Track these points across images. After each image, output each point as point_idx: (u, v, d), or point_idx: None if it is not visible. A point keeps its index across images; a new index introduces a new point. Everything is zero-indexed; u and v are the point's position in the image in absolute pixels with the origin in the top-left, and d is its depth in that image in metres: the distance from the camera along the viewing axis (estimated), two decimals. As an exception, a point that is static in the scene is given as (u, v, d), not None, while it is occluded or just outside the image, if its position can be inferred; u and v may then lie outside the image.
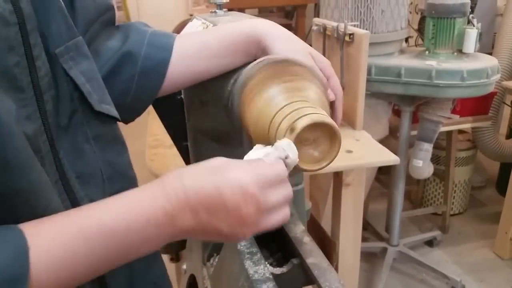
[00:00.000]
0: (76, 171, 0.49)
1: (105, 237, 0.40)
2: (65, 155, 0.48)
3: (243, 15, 0.83)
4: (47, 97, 0.46)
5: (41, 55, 0.45)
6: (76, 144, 0.50)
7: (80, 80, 0.51)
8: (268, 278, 0.65)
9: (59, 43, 0.49)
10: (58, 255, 0.38)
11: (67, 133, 0.49)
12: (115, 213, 0.42)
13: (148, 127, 1.75)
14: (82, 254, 0.39)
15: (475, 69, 1.60)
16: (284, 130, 0.49)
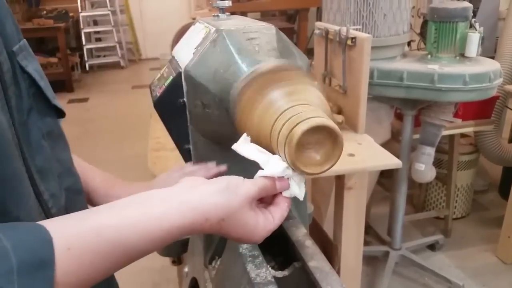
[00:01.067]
0: (36, 166, 0.50)
1: (124, 248, 0.42)
2: (26, 151, 0.49)
3: (246, 19, 0.83)
4: (11, 93, 0.47)
5: (2, 51, 0.47)
6: (34, 140, 0.52)
7: (36, 76, 0.53)
8: (270, 282, 0.65)
9: (13, 42, 0.51)
10: (78, 251, 0.39)
11: (27, 129, 0.51)
12: (134, 226, 0.43)
13: (150, 130, 1.76)
14: (101, 255, 0.40)
15: (477, 73, 1.60)
16: (287, 133, 0.50)
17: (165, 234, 0.44)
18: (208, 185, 0.49)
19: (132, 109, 4.73)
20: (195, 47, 0.75)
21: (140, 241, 0.42)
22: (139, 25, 7.02)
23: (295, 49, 0.74)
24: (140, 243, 0.42)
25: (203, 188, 0.48)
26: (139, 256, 0.43)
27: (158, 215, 0.44)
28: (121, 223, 0.42)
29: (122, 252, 0.41)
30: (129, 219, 0.43)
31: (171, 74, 0.78)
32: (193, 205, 0.46)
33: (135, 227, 0.42)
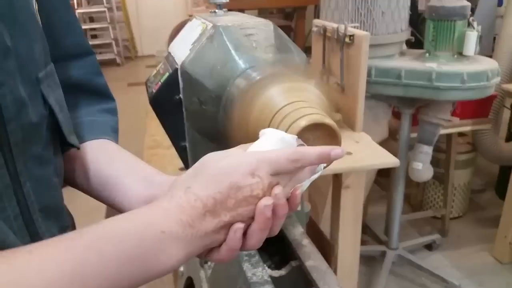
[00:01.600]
0: (41, 204, 0.46)
1: (117, 246, 0.38)
2: (32, 188, 0.45)
3: (243, 15, 0.82)
4: (13, 127, 0.42)
5: (7, 82, 0.41)
6: (46, 176, 0.48)
7: (57, 109, 0.50)
8: (267, 281, 0.64)
9: (39, 67, 0.47)
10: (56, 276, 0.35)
11: (40, 164, 0.47)
12: (126, 225, 0.40)
13: (146, 128, 1.74)
14: (93, 269, 0.37)
15: (475, 71, 1.60)
16: (284, 130, 0.49)
17: (130, 220, 0.40)
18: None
19: (128, 107, 4.70)
20: (191, 43, 0.74)
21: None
22: (135, 22, 7.00)
23: (293, 46, 0.73)
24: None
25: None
26: (149, 261, 0.39)
27: (152, 216, 0.41)
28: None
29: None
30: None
31: (167, 71, 0.77)
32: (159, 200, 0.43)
33: (127, 228, 0.40)
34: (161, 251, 0.39)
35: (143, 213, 0.41)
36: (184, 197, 0.41)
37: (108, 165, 0.58)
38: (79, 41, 0.63)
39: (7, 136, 0.41)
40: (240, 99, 0.60)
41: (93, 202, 0.64)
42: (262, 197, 0.42)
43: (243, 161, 0.42)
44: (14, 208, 0.43)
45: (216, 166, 0.42)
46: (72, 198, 0.57)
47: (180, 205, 0.41)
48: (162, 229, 0.39)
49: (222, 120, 0.68)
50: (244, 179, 0.41)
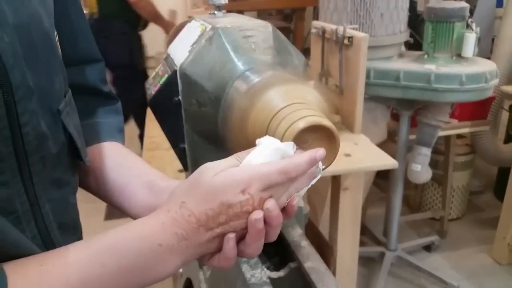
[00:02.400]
0: (59, 223, 0.49)
1: (118, 259, 0.41)
2: (51, 209, 0.47)
3: (242, 17, 0.82)
4: (35, 159, 0.44)
5: (31, 121, 0.43)
6: (64, 197, 0.51)
7: (75, 135, 0.52)
8: (265, 282, 0.64)
9: (60, 98, 0.49)
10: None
11: (58, 187, 0.49)
12: (127, 238, 0.43)
13: (145, 129, 1.74)
14: (93, 280, 0.40)
15: (473, 73, 1.60)
16: (282, 132, 0.49)
17: (130, 234, 0.43)
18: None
19: (128, 108, 4.71)
20: (190, 45, 0.74)
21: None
22: (135, 24, 6.98)
23: (291, 47, 0.73)
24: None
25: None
26: (147, 272, 0.43)
27: (149, 229, 0.44)
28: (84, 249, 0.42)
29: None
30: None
31: (166, 72, 0.77)
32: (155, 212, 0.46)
33: (125, 239, 0.43)
34: (158, 262, 0.43)
35: (141, 226, 0.44)
36: (179, 211, 0.44)
37: (114, 170, 0.61)
38: (92, 47, 0.66)
39: (28, 167, 0.43)
40: (238, 101, 0.60)
41: (93, 203, 0.65)
42: (252, 211, 0.44)
43: (235, 179, 0.43)
44: (32, 229, 0.45)
45: (210, 182, 0.44)
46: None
47: (175, 219, 0.43)
48: (159, 242, 0.42)
49: (221, 122, 0.68)
50: (235, 197, 0.43)
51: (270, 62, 0.67)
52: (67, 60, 0.55)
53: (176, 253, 0.43)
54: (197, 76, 0.69)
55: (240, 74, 0.65)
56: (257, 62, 0.66)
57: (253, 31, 0.70)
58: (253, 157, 0.46)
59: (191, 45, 0.74)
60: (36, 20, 0.44)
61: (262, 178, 0.43)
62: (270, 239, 0.47)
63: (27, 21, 0.43)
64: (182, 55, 0.74)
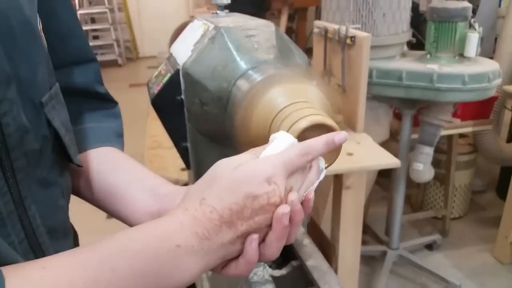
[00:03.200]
0: (48, 226, 0.46)
1: (130, 262, 0.37)
2: (38, 211, 0.44)
3: (245, 16, 0.83)
4: (17, 155, 0.41)
5: (10, 110, 0.40)
6: (52, 198, 0.47)
7: (62, 131, 0.49)
8: (268, 280, 0.65)
9: (43, 91, 0.46)
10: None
11: (45, 187, 0.46)
12: (140, 239, 0.39)
13: (147, 128, 1.75)
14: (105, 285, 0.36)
15: (476, 73, 1.60)
16: (285, 130, 0.49)
17: (145, 234, 0.39)
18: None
19: (129, 108, 4.71)
20: (193, 44, 0.75)
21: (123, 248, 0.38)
22: (136, 23, 7.00)
23: (294, 47, 0.74)
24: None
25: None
26: (164, 277, 0.38)
27: (166, 230, 0.40)
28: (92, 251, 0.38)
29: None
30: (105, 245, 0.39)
31: (169, 72, 0.77)
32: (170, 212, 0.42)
33: (142, 241, 0.39)
34: (175, 267, 0.39)
35: (157, 226, 0.40)
36: (199, 209, 0.40)
37: (113, 175, 0.57)
38: (82, 48, 0.63)
39: (11, 163, 0.40)
40: (241, 100, 0.60)
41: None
42: (280, 204, 0.41)
43: (258, 169, 0.41)
44: (19, 233, 0.42)
45: (231, 175, 0.41)
46: (72, 199, 0.57)
47: (195, 218, 0.39)
48: (177, 243, 0.38)
49: (223, 121, 0.68)
50: (260, 187, 0.40)
51: (272, 61, 0.67)
52: (59, 61, 0.52)
53: (196, 256, 0.39)
54: (200, 76, 0.69)
55: (243, 73, 0.65)
56: (259, 62, 0.66)
57: (255, 30, 0.70)
58: (270, 150, 0.44)
59: (193, 45, 0.75)
60: (16, 7, 0.42)
61: (286, 164, 0.41)
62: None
63: (5, 6, 0.40)
64: (185, 54, 0.74)
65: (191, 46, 0.75)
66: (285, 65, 0.66)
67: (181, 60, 0.74)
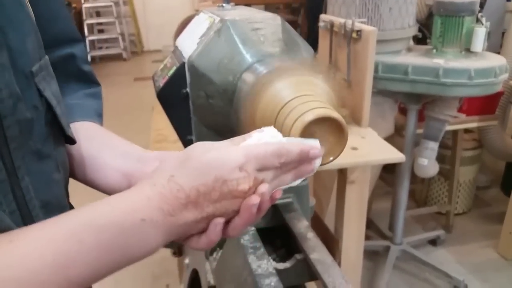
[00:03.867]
0: (42, 200, 0.46)
1: (97, 235, 0.38)
2: (31, 183, 0.44)
3: (251, 9, 0.83)
4: (9, 122, 0.41)
5: (2, 75, 0.40)
6: (46, 171, 0.47)
7: (53, 102, 0.49)
8: (272, 273, 0.65)
9: (33, 61, 0.46)
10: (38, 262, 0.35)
11: (39, 159, 0.46)
12: (107, 212, 0.40)
13: (152, 122, 1.75)
14: (74, 256, 0.37)
15: (483, 68, 1.59)
16: (291, 123, 0.49)
17: (112, 207, 0.40)
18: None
19: (134, 101, 4.73)
20: (199, 37, 0.75)
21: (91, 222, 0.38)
22: (141, 17, 7.00)
23: (300, 40, 0.74)
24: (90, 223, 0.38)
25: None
26: (130, 248, 0.40)
27: (132, 202, 0.41)
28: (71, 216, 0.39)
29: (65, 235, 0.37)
30: (79, 212, 0.40)
31: (175, 65, 0.77)
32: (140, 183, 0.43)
33: (108, 213, 0.40)
34: (140, 239, 0.40)
35: (124, 200, 0.41)
36: (167, 186, 0.41)
37: (87, 144, 0.57)
38: (69, 28, 0.63)
39: (3, 131, 0.41)
40: (247, 93, 0.60)
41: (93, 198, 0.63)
42: (248, 191, 0.42)
43: (232, 155, 0.42)
44: (10, 203, 0.42)
45: (203, 157, 0.42)
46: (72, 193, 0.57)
47: (162, 194, 0.41)
48: (142, 217, 0.40)
49: (229, 114, 0.68)
50: (232, 173, 0.41)
51: (278, 54, 0.67)
52: (46, 42, 0.53)
53: (159, 230, 0.40)
54: (205, 68, 0.69)
55: (249, 66, 0.65)
56: (265, 55, 0.66)
57: (262, 23, 0.70)
58: (251, 141, 0.45)
59: (199, 38, 0.75)
60: None
61: (259, 157, 0.42)
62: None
63: None
64: (191, 47, 0.74)
65: (196, 39, 0.75)
66: (291, 59, 0.66)
67: (187, 53, 0.74)
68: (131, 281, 2.13)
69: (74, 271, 0.37)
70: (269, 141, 0.45)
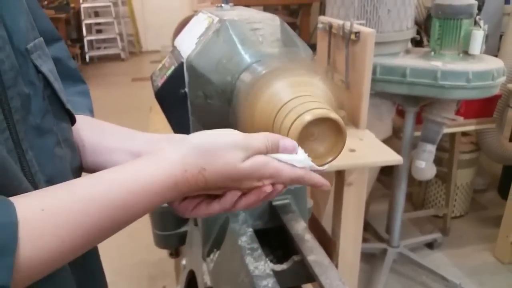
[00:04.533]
0: (46, 175, 0.46)
1: (101, 204, 0.40)
2: (35, 157, 0.45)
3: (250, 10, 0.82)
4: (12, 93, 0.42)
5: (3, 47, 0.42)
6: (48, 146, 0.48)
7: (51, 78, 0.50)
8: (269, 275, 0.65)
9: (28, 39, 0.47)
10: (52, 211, 0.38)
11: (39, 134, 0.46)
12: (138, 194, 0.43)
13: (150, 122, 1.75)
14: (77, 214, 0.39)
15: (480, 70, 1.60)
16: (289, 124, 0.49)
17: (141, 189, 0.43)
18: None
19: (132, 102, 4.72)
20: (197, 37, 0.74)
21: (117, 196, 0.41)
22: (140, 17, 7.00)
23: (299, 40, 0.73)
24: (117, 198, 0.41)
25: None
26: (122, 216, 0.42)
27: (133, 170, 0.43)
28: (94, 180, 0.42)
29: (98, 209, 0.40)
30: (103, 176, 0.43)
31: (173, 64, 0.77)
32: (169, 157, 0.45)
33: (109, 182, 0.42)
34: (150, 208, 0.44)
35: (153, 179, 0.43)
36: (195, 176, 0.45)
37: (87, 132, 0.59)
38: (49, 28, 0.63)
39: (8, 101, 0.42)
40: (245, 94, 0.60)
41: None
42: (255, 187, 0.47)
43: (263, 173, 0.46)
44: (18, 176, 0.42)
45: (238, 167, 0.45)
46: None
47: (188, 182, 0.44)
48: (166, 197, 0.44)
49: (227, 114, 0.68)
50: (249, 182, 0.47)
51: (277, 55, 0.66)
52: None
53: (173, 193, 0.45)
54: (204, 68, 0.69)
55: (247, 67, 0.65)
56: (264, 55, 0.66)
57: (260, 24, 0.70)
58: (283, 155, 0.48)
59: (198, 37, 0.74)
60: None
61: (283, 177, 0.47)
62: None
63: None
64: (189, 47, 0.74)
65: (195, 39, 0.74)
66: (289, 59, 0.66)
67: (185, 53, 0.73)
68: (128, 282, 2.12)
69: (98, 240, 0.41)
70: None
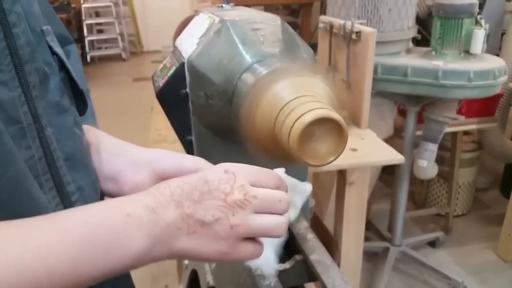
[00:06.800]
0: (65, 153, 0.46)
1: (84, 231, 0.38)
2: (54, 133, 0.44)
3: (250, 10, 0.82)
4: (30, 68, 0.42)
5: (19, 23, 0.41)
6: (66, 125, 0.47)
7: (65, 59, 0.50)
8: (271, 274, 0.65)
9: (41, 21, 0.47)
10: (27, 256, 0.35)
11: (59, 112, 0.46)
12: (93, 207, 0.41)
13: (151, 122, 1.75)
14: (56, 252, 0.36)
15: (482, 70, 1.59)
16: (291, 124, 0.49)
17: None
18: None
19: (133, 102, 4.72)
20: (198, 38, 0.75)
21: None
22: (141, 17, 7.00)
23: (300, 41, 0.74)
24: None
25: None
26: (114, 248, 0.39)
27: (118, 201, 0.42)
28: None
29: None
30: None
31: (174, 65, 0.77)
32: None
33: (95, 212, 0.41)
34: (124, 237, 0.39)
35: (113, 200, 0.42)
36: (156, 187, 0.43)
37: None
38: (64, 31, 0.64)
39: (25, 76, 0.41)
40: (246, 94, 0.60)
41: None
42: (229, 193, 0.42)
43: (224, 165, 0.44)
44: (38, 149, 0.42)
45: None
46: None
47: (148, 191, 0.42)
48: (128, 211, 0.40)
49: (228, 115, 0.68)
50: (215, 173, 0.43)
51: (278, 55, 0.67)
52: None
53: (144, 229, 0.40)
54: (205, 69, 0.69)
55: (248, 67, 0.65)
56: (265, 55, 0.66)
57: (261, 24, 0.70)
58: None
59: (199, 38, 0.74)
60: None
61: (252, 171, 0.44)
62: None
63: None
64: (190, 47, 0.74)
65: (196, 39, 0.75)
66: (290, 59, 0.66)
67: (187, 53, 0.74)
68: (130, 282, 2.12)
69: (55, 261, 0.36)
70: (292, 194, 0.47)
